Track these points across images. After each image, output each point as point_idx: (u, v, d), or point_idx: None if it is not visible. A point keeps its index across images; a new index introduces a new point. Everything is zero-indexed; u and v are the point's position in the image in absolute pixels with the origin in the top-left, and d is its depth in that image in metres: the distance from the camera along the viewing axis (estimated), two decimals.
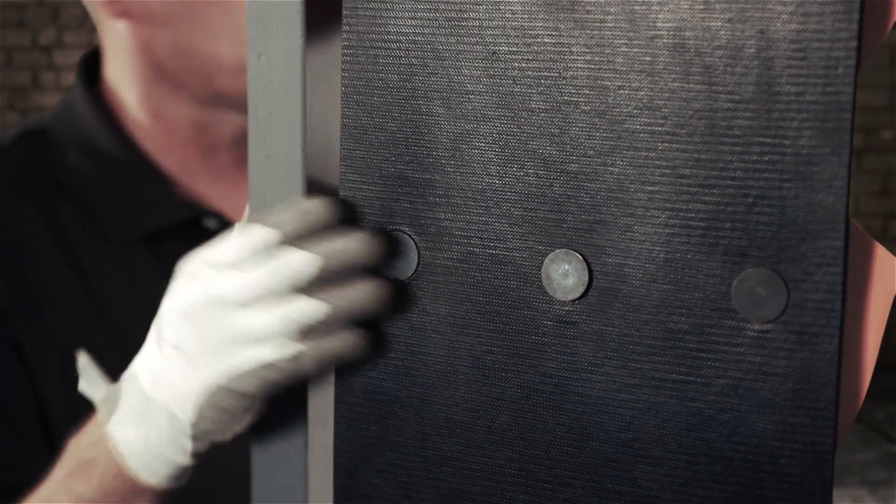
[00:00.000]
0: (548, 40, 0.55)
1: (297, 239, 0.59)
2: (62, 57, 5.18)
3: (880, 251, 0.54)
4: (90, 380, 0.68)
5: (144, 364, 0.65)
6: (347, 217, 0.61)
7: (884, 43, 0.52)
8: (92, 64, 0.98)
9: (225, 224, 0.90)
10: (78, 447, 0.69)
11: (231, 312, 0.60)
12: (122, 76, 0.94)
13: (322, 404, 0.69)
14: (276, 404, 0.67)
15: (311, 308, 0.59)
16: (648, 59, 0.53)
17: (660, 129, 0.53)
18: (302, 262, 0.59)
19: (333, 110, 0.71)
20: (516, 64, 0.56)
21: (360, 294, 0.59)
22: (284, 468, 0.68)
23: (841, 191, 0.50)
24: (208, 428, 0.63)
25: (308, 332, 0.59)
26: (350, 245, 0.59)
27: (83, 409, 0.70)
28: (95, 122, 0.94)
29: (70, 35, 5.16)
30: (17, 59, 5.18)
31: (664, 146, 0.53)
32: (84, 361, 0.68)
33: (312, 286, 0.59)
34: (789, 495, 0.52)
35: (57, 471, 0.70)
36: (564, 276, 0.56)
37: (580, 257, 0.55)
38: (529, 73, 0.55)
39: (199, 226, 0.91)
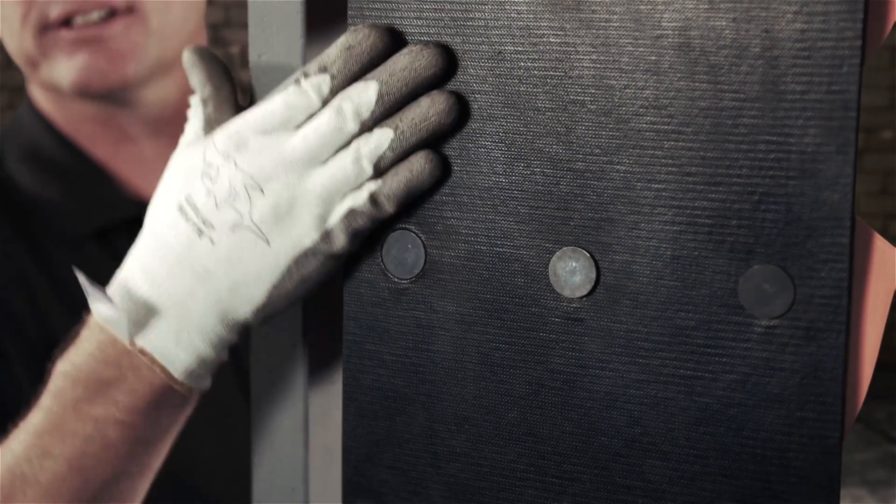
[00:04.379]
0: (553, 40, 0.55)
1: (347, 76, 0.58)
2: None
3: (880, 243, 0.54)
4: (95, 297, 0.63)
5: (172, 262, 0.61)
6: (393, 39, 0.58)
7: (884, 43, 0.52)
8: None
9: None
10: (81, 370, 0.64)
11: (304, 171, 0.59)
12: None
13: (322, 404, 0.70)
14: (276, 404, 0.68)
15: (377, 139, 0.57)
16: (654, 58, 0.53)
17: (666, 127, 0.53)
18: (359, 91, 0.57)
19: None
20: (522, 63, 0.56)
21: (424, 110, 0.57)
22: (284, 468, 0.69)
23: (846, 188, 0.50)
24: (276, 304, 0.61)
25: (381, 165, 0.58)
26: (402, 62, 0.57)
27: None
28: (42, 131, 1.05)
29: None
30: None
31: (670, 144, 0.53)
32: (83, 279, 0.63)
33: (376, 117, 0.58)
34: (797, 489, 0.52)
35: (55, 399, 0.65)
36: (572, 273, 0.56)
37: (587, 255, 0.56)
38: (535, 72, 0.56)
39: None
